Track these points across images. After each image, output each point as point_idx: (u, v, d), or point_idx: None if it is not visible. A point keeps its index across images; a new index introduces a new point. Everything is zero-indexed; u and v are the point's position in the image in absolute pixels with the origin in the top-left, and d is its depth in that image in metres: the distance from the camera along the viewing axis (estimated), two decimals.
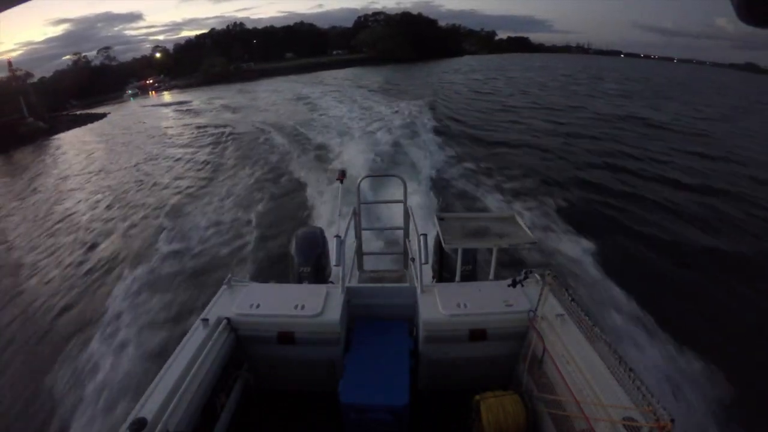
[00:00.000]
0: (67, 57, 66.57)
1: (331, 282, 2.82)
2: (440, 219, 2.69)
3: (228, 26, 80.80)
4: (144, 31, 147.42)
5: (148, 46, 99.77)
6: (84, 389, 4.11)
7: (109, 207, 10.58)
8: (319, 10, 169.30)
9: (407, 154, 11.40)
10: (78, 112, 36.41)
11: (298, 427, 2.23)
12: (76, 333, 5.14)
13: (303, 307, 2.24)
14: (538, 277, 2.16)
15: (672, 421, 1.22)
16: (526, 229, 2.52)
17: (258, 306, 2.26)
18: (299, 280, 2.80)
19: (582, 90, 31.43)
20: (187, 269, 6.31)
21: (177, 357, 1.88)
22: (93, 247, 8.00)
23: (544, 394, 1.94)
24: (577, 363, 1.76)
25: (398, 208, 3.34)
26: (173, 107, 33.19)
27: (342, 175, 3.38)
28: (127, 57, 71.71)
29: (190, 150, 16.32)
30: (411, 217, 3.02)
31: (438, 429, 2.23)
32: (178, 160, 14.88)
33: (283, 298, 2.33)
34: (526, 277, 2.14)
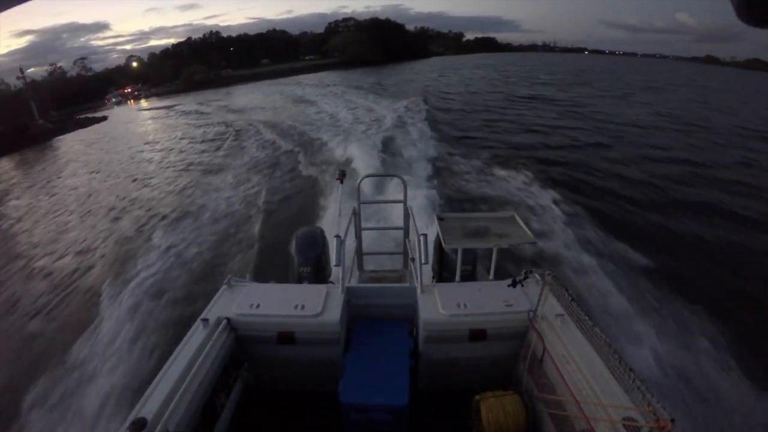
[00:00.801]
0: (32, 69, 63.20)
1: (331, 282, 2.82)
2: (440, 219, 2.71)
3: (204, 35, 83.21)
4: (111, 41, 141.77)
5: (116, 56, 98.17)
6: None
7: (160, 165, 14.66)
8: (289, 16, 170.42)
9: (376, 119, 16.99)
10: (79, 116, 36.65)
11: (298, 427, 2.25)
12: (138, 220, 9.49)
13: (303, 307, 2.26)
14: (538, 277, 2.16)
15: (672, 421, 1.22)
16: (526, 229, 2.53)
17: (258, 306, 2.28)
18: (299, 280, 2.82)
19: (517, 81, 35.90)
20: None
21: (177, 357, 1.90)
22: (143, 181, 12.76)
23: (544, 394, 1.95)
24: (577, 363, 1.76)
25: (398, 208, 3.34)
26: (169, 110, 34.58)
27: (342, 175, 3.38)
28: (98, 67, 70.64)
29: (197, 134, 20.29)
30: (411, 217, 3.03)
31: (438, 429, 2.24)
32: (192, 140, 18.99)
33: (283, 298, 2.35)
34: (526, 277, 2.15)
